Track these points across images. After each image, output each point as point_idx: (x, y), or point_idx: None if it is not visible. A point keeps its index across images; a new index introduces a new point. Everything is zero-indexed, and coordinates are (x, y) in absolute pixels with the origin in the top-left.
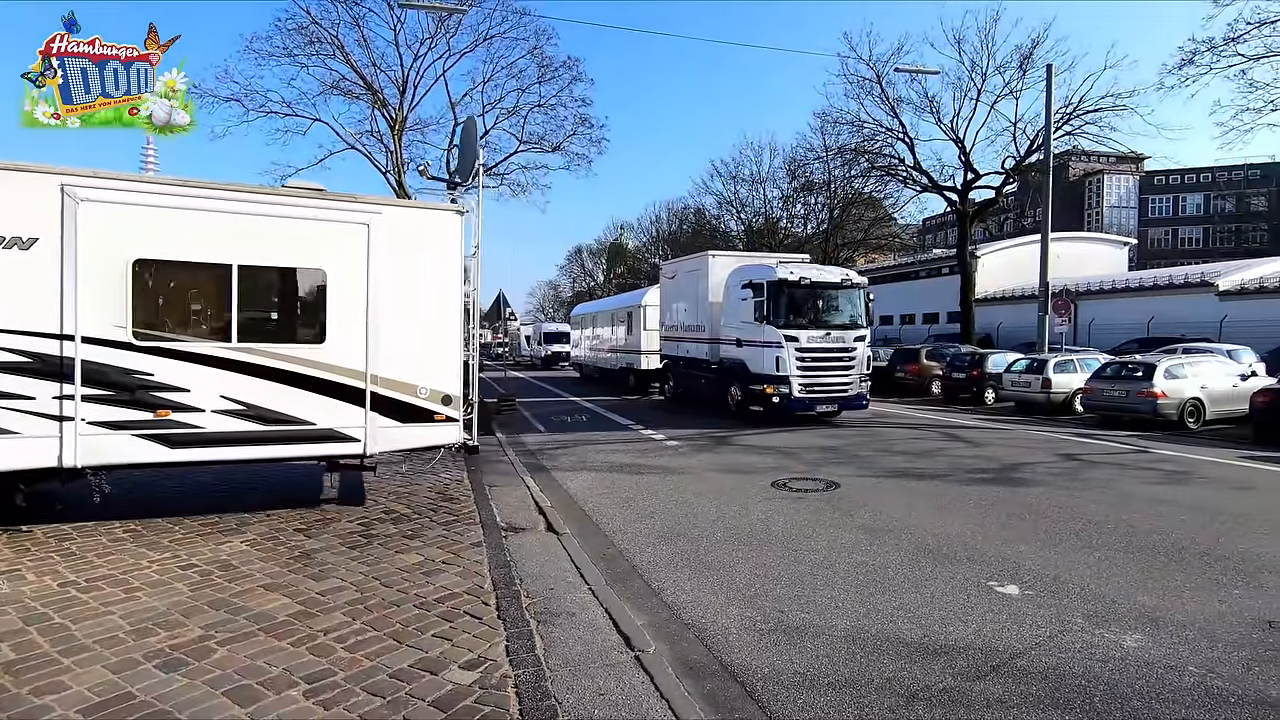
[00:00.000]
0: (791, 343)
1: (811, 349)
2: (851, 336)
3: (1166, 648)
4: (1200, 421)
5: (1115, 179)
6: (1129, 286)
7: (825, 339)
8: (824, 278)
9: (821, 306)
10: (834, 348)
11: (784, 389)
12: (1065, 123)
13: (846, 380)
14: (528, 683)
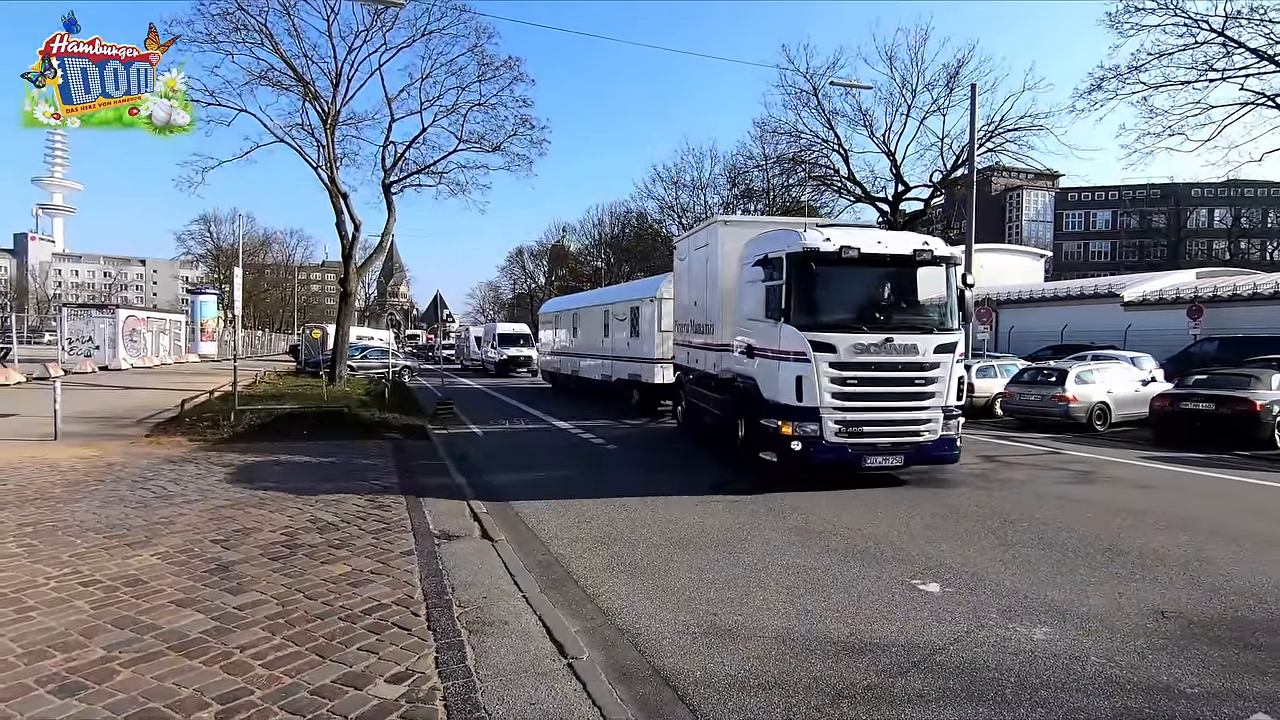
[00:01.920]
0: (824, 353)
1: (859, 364)
2: (931, 345)
3: (1071, 639)
4: (1107, 424)
5: (1033, 194)
6: (1045, 296)
7: (883, 349)
8: (883, 248)
9: (879, 295)
10: (899, 363)
11: (809, 428)
12: (988, 140)
13: (920, 417)
14: (457, 695)
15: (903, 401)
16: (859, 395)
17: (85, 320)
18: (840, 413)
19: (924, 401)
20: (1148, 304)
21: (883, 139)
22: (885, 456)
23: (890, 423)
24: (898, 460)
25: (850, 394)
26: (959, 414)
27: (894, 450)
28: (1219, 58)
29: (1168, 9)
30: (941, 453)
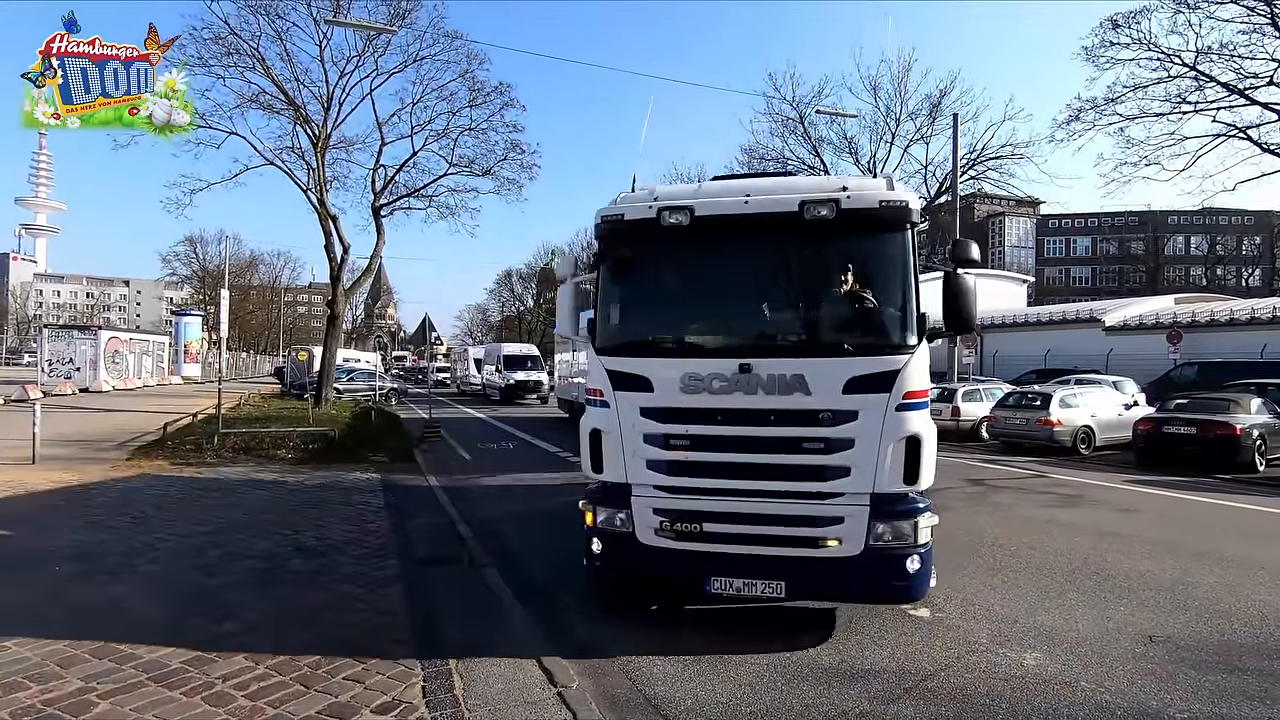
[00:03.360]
0: (631, 392)
1: (693, 411)
2: (834, 377)
3: (1062, 664)
4: (1091, 448)
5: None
6: (1028, 321)
7: (735, 384)
8: (746, 207)
9: (745, 290)
10: (769, 410)
11: (616, 518)
12: (970, 167)
13: (812, 512)
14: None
15: (777, 480)
16: (696, 466)
17: (66, 341)
18: (664, 495)
19: (818, 482)
20: (1128, 329)
21: (868, 166)
22: (751, 580)
23: (755, 518)
24: (775, 589)
25: (680, 463)
26: (916, 506)
27: (767, 570)
28: (1192, 91)
29: (1141, 44)
30: (874, 585)
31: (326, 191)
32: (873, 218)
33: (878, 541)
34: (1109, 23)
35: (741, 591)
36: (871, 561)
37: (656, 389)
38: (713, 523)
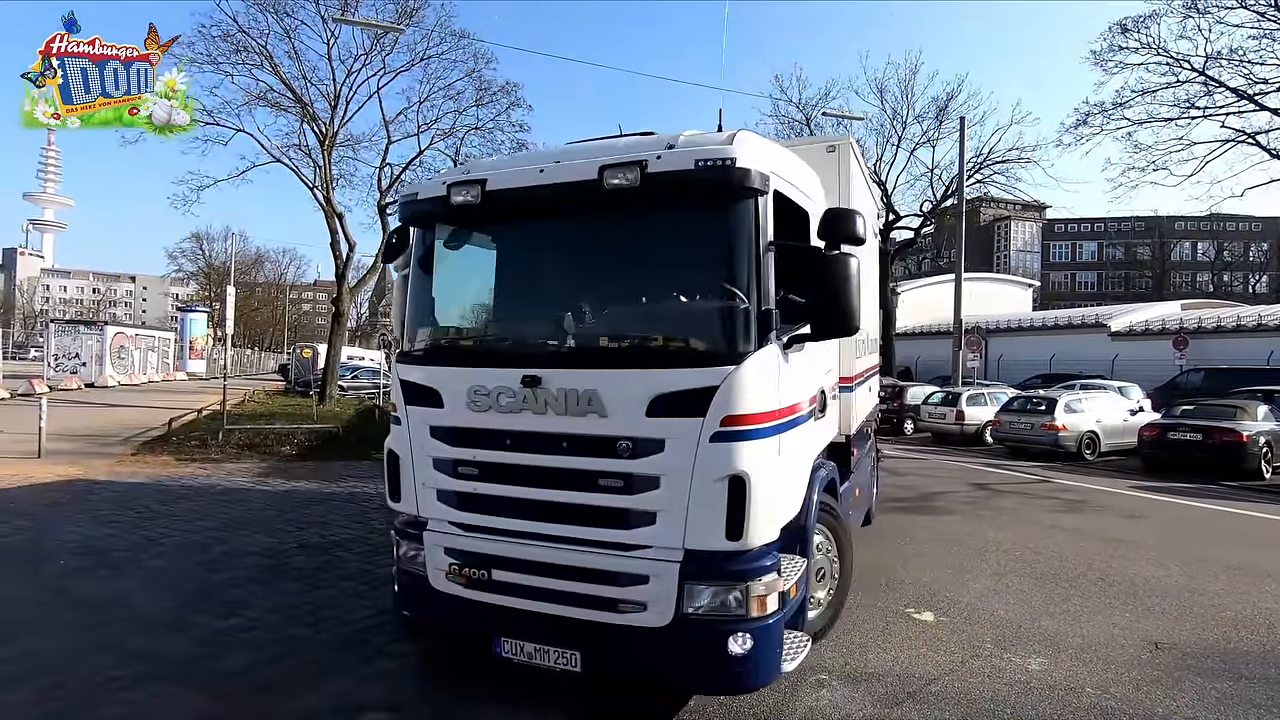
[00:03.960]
0: (422, 407)
1: (480, 433)
2: (636, 392)
3: (1066, 670)
4: (1096, 453)
5: (1021, 225)
6: (1033, 325)
7: (520, 399)
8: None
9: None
10: (559, 434)
11: (410, 555)
12: (976, 171)
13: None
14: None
15: (571, 523)
16: (486, 500)
17: (72, 336)
18: (456, 533)
19: (620, 530)
20: (1134, 334)
21: (874, 169)
22: (543, 646)
23: (549, 568)
24: (569, 660)
25: (469, 496)
26: (750, 567)
27: (562, 635)
28: (1201, 96)
29: (1150, 48)
30: (688, 666)
31: (333, 189)
32: (691, 184)
33: (692, 611)
34: (1118, 27)
35: (533, 659)
36: (684, 636)
37: (446, 405)
38: (502, 570)
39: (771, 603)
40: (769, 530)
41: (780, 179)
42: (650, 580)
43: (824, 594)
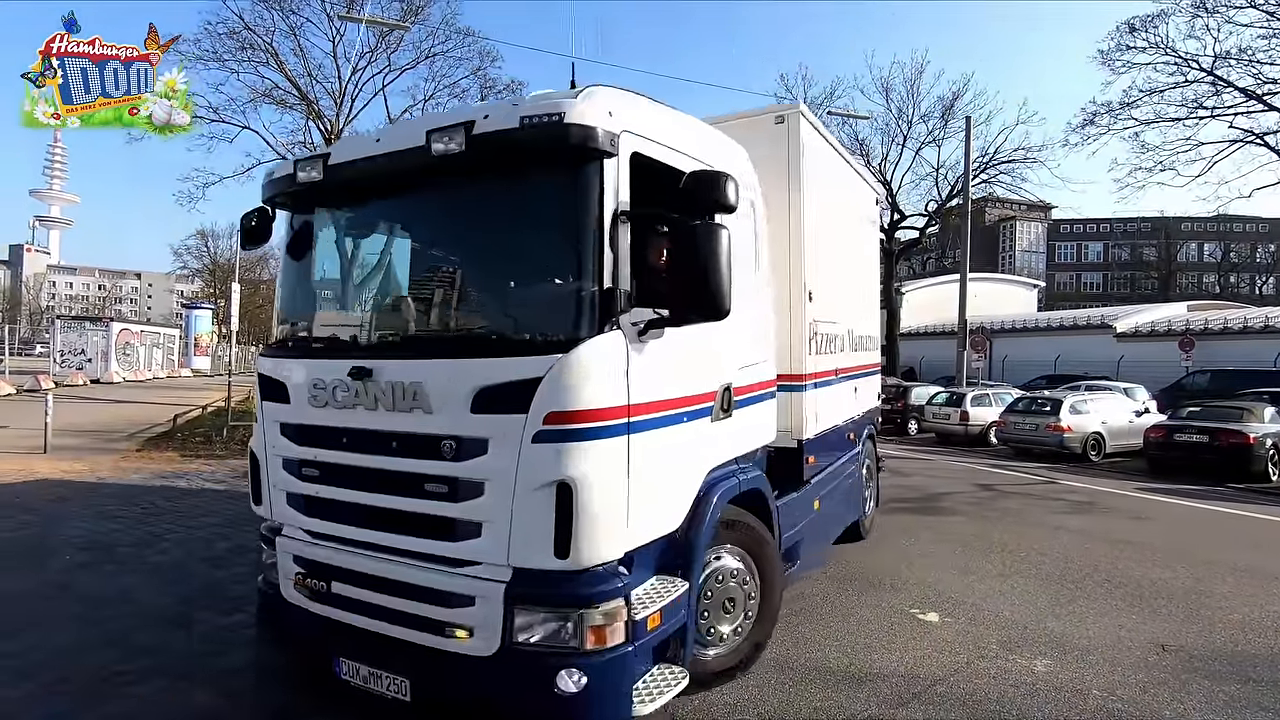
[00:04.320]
0: (273, 403)
1: (318, 431)
2: (461, 383)
3: (1072, 672)
4: (1101, 454)
5: (1026, 225)
6: (1039, 326)
7: (352, 392)
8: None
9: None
10: (386, 433)
11: (267, 564)
12: (982, 171)
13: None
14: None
15: (402, 533)
16: (327, 505)
17: (78, 333)
18: (304, 539)
19: (448, 542)
20: (1140, 335)
21: (879, 168)
22: (376, 670)
23: (383, 583)
24: (400, 688)
25: (313, 500)
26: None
27: (394, 659)
28: (1209, 96)
29: (1158, 48)
30: (517, 702)
31: None
32: (520, 146)
33: (520, 640)
34: (1126, 26)
35: (368, 683)
36: (511, 668)
37: (292, 400)
38: (341, 582)
39: (615, 634)
40: (610, 547)
41: (643, 139)
42: (476, 602)
43: (730, 628)
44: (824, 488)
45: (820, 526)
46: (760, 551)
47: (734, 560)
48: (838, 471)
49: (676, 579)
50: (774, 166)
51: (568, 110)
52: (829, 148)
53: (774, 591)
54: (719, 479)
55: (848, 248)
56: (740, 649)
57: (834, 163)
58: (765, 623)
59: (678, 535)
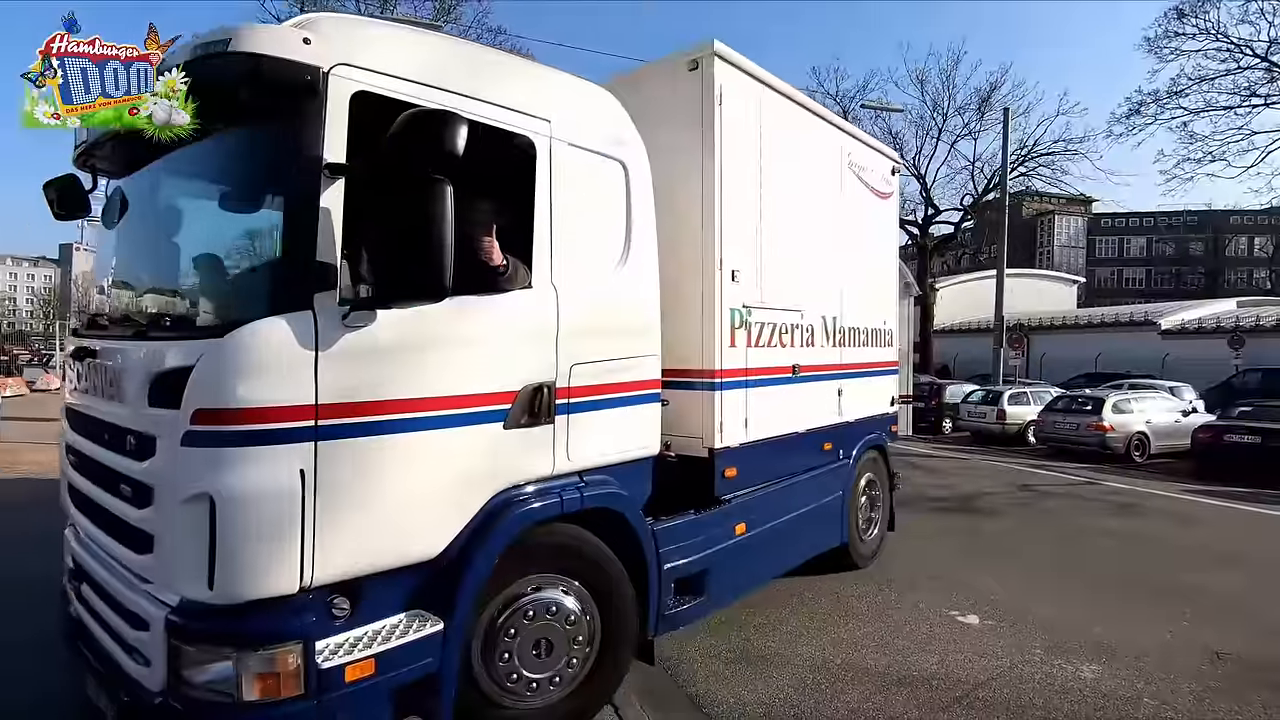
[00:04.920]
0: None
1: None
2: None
3: (1122, 679)
4: (1145, 455)
5: (1066, 219)
6: (1078, 323)
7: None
8: None
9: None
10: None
11: None
12: (1020, 164)
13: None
14: None
15: (108, 535)
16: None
17: None
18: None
19: (134, 553)
20: (1186, 333)
21: (913, 162)
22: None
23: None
24: (108, 710)
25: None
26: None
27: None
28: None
29: (1209, 34)
30: None
31: None
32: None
33: (187, 680)
34: (1174, 12)
35: (99, 702)
36: (178, 713)
37: (68, 380)
38: (78, 580)
39: (287, 685)
40: (279, 578)
41: (378, 75)
42: (149, 627)
43: (545, 676)
44: (761, 508)
45: (754, 554)
46: (599, 585)
47: (560, 593)
48: (794, 489)
49: (430, 616)
50: (688, 122)
51: (236, 37)
52: (784, 101)
53: (620, 637)
54: (523, 497)
55: (828, 222)
56: (557, 709)
57: (796, 120)
58: (604, 675)
59: (441, 563)
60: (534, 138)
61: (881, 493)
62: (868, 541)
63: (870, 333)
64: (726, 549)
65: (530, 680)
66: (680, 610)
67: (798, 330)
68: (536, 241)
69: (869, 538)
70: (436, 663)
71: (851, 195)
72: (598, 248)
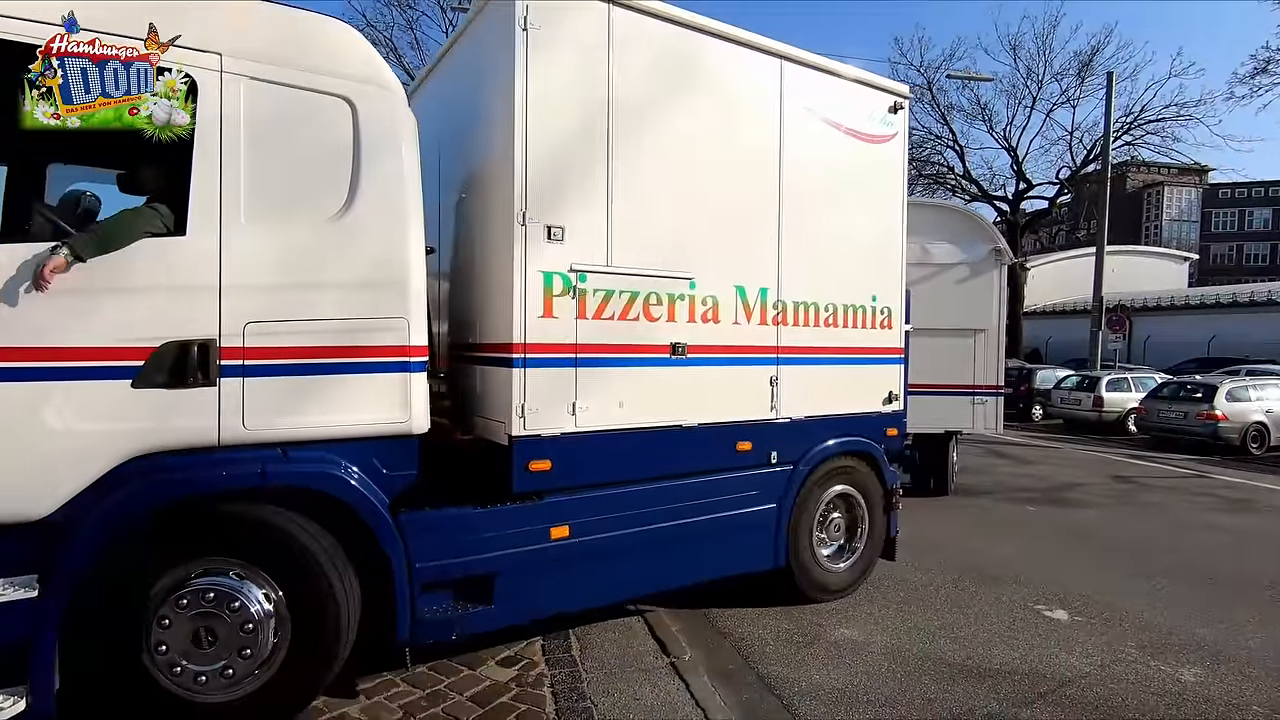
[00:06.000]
0: None
1: None
2: None
3: (1228, 684)
4: (1264, 447)
5: (1176, 191)
6: (1189, 304)
7: None
8: None
9: None
10: None
11: None
12: (1125, 132)
13: None
14: (563, 683)
15: None
16: None
17: None
18: None
19: None
20: None
21: (1003, 133)
22: None
23: None
24: None
25: None
26: None
27: None
28: None
29: None
30: None
31: None
32: None
33: None
34: None
35: None
36: None
37: None
38: None
39: None
40: None
41: None
42: None
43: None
44: (603, 511)
45: (587, 564)
46: (294, 573)
47: (234, 580)
48: (673, 493)
49: (20, 581)
50: (491, 53)
51: None
52: (658, 23)
53: (325, 633)
54: (170, 466)
55: (754, 173)
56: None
57: (685, 47)
58: (303, 672)
59: (48, 526)
60: (193, 71)
61: (867, 512)
62: (833, 570)
63: (844, 311)
64: (533, 554)
65: (197, 674)
66: (455, 616)
67: (683, 302)
68: (194, 185)
69: (836, 566)
70: (27, 631)
71: (808, 139)
72: (298, 193)
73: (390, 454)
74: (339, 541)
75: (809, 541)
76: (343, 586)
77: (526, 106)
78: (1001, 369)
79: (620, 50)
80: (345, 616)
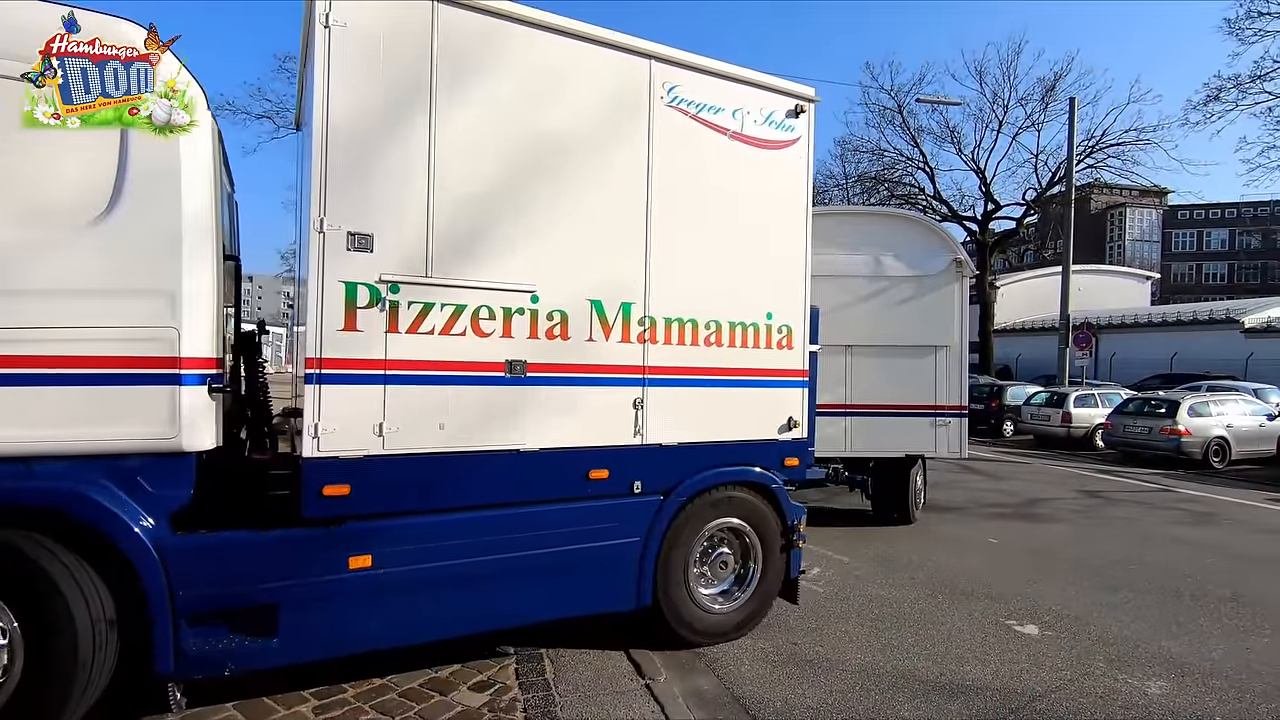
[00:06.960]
0: None
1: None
2: None
3: (1192, 696)
4: (1225, 461)
5: (1138, 212)
6: (1152, 321)
7: None
8: None
9: None
10: None
11: None
12: (1088, 155)
13: None
14: (537, 707)
15: None
16: None
17: None
18: None
19: None
20: (1273, 331)
21: (971, 156)
22: None
23: None
24: None
25: None
26: None
27: None
28: None
29: None
30: None
31: None
32: None
33: None
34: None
35: None
36: None
37: None
38: None
39: None
40: None
41: None
42: None
43: None
44: (418, 540)
45: (397, 598)
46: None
47: None
48: (512, 523)
49: None
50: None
51: None
52: (495, 21)
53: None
54: None
55: (615, 180)
56: None
57: (529, 44)
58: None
59: None
60: None
61: (760, 550)
62: (714, 612)
63: (730, 329)
64: (326, 585)
65: None
66: (228, 650)
67: (522, 316)
68: None
69: (718, 607)
70: None
71: (684, 145)
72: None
73: (158, 472)
74: (90, 564)
75: (683, 579)
76: (88, 613)
77: (327, 107)
78: (965, 388)
79: (446, 47)
80: (90, 645)
